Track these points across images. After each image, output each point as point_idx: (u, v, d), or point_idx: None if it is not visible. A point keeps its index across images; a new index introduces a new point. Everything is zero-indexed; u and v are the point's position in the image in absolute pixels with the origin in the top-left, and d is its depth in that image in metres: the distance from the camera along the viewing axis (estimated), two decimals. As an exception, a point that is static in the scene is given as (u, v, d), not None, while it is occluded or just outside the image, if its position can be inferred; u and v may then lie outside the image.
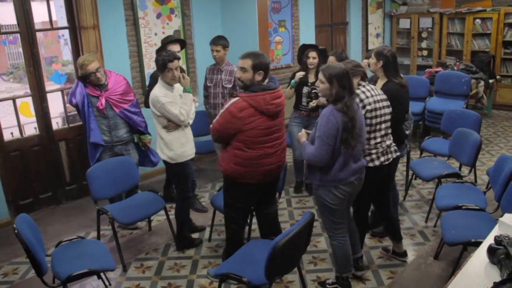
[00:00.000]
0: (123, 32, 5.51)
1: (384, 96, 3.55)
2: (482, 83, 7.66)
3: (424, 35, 9.22)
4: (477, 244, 2.68)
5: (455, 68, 7.87)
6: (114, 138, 4.52)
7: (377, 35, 9.27)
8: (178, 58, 3.99)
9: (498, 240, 2.29)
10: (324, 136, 3.07)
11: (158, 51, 4.68)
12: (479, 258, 2.38)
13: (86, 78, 4.34)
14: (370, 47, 9.00)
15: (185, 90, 4.03)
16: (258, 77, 3.29)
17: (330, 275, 3.80)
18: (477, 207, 3.80)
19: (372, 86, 3.57)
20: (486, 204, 3.91)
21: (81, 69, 4.32)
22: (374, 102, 3.45)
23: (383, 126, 3.51)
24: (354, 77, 3.46)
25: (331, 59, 4.79)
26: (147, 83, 5.76)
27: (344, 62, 3.61)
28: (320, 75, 3.16)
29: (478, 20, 8.51)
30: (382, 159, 3.53)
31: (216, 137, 3.49)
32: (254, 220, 4.66)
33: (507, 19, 8.23)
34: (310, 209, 5.00)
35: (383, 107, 3.50)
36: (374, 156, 3.50)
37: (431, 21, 9.03)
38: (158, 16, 5.82)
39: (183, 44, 5.00)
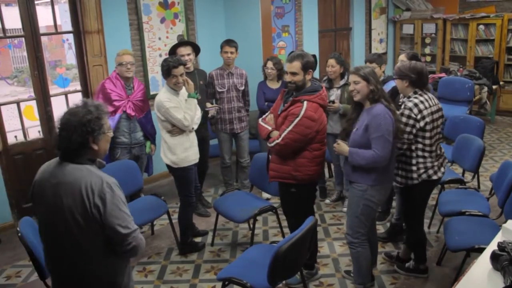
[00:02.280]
0: (127, 36, 5.53)
1: (440, 106, 3.50)
2: (486, 89, 7.65)
3: (427, 40, 9.23)
4: (480, 250, 2.67)
5: (459, 74, 7.87)
6: (133, 140, 4.61)
7: (381, 41, 9.27)
8: (184, 64, 4.00)
9: (501, 247, 2.28)
10: (387, 134, 3.08)
11: (170, 53, 4.71)
12: (482, 264, 2.38)
13: (118, 67, 4.47)
14: (374, 52, 9.00)
15: (189, 96, 4.04)
16: (309, 76, 3.41)
17: (333, 280, 3.79)
18: (480, 213, 3.79)
19: (430, 95, 3.48)
20: (489, 210, 3.90)
21: (117, 56, 4.48)
22: (432, 113, 3.38)
23: (439, 136, 3.52)
24: (403, 81, 3.43)
25: (330, 62, 4.77)
26: (150, 87, 5.79)
27: (404, 61, 3.66)
28: (354, 77, 3.18)
29: (481, 26, 8.52)
30: (442, 169, 3.54)
31: (291, 149, 3.37)
32: (258, 224, 4.67)
33: (511, 25, 8.23)
34: (313, 214, 5.00)
35: (439, 118, 3.47)
36: (436, 168, 3.48)
37: (435, 27, 9.04)
38: (162, 20, 5.84)
39: (196, 49, 4.90)
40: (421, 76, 3.43)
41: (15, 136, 5.10)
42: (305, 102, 3.31)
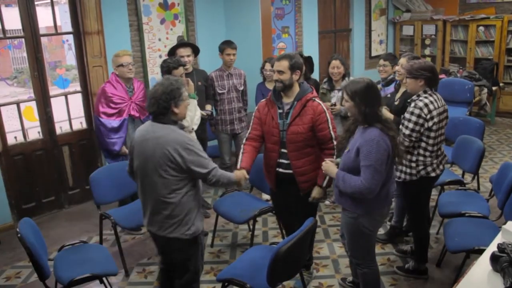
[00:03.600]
0: (127, 37, 5.53)
1: (446, 107, 3.51)
2: (485, 90, 7.65)
3: (427, 42, 9.23)
4: (480, 252, 2.67)
5: (458, 75, 7.87)
6: None
7: (380, 42, 9.28)
8: (184, 65, 4.00)
9: (501, 248, 2.28)
10: (377, 164, 2.79)
11: (170, 54, 4.71)
12: (482, 265, 2.38)
13: (117, 68, 4.45)
14: (374, 54, 9.02)
15: (189, 96, 4.04)
16: (296, 77, 3.38)
17: (333, 281, 3.79)
18: (480, 215, 3.79)
19: (439, 96, 3.48)
20: (489, 212, 3.90)
21: (115, 57, 4.46)
22: (439, 114, 3.38)
23: (443, 138, 3.52)
24: (418, 80, 3.41)
25: (335, 63, 4.76)
26: (150, 88, 5.78)
27: (412, 61, 3.57)
28: (344, 93, 3.00)
29: (481, 28, 8.52)
30: (441, 167, 3.54)
31: None
32: (257, 225, 4.67)
33: (511, 27, 8.23)
34: (313, 215, 4.99)
35: (445, 119, 3.48)
36: (435, 165, 3.49)
37: (435, 28, 9.04)
38: (162, 21, 5.84)
39: (196, 50, 4.93)
40: (435, 74, 3.46)
41: (15, 137, 5.10)
42: (316, 100, 3.37)
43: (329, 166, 3.10)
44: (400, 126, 3.46)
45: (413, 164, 3.47)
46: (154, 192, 2.85)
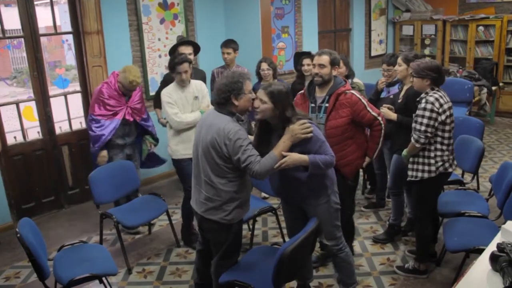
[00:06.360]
0: (126, 37, 5.53)
1: (451, 104, 3.56)
2: (485, 90, 7.66)
3: (427, 42, 9.23)
4: (480, 251, 2.67)
5: (458, 75, 7.88)
6: (127, 141, 4.67)
7: (380, 42, 9.28)
8: (189, 62, 4.05)
9: (500, 247, 2.28)
10: (324, 139, 3.05)
11: (171, 52, 4.75)
12: (481, 265, 2.38)
13: (123, 83, 4.40)
14: (373, 53, 9.02)
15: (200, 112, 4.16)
16: (334, 72, 3.57)
17: (333, 281, 3.79)
18: (479, 214, 3.79)
19: (444, 93, 3.55)
20: (488, 211, 3.90)
21: (125, 74, 4.34)
22: (449, 108, 3.47)
23: (453, 131, 3.58)
24: (424, 80, 3.48)
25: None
26: (150, 88, 5.79)
27: (419, 60, 3.64)
28: (261, 94, 2.95)
29: (481, 27, 8.52)
30: (455, 162, 3.62)
31: None
32: (257, 225, 4.67)
33: (510, 26, 8.24)
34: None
35: (452, 115, 3.54)
36: (451, 161, 3.55)
37: (434, 28, 9.05)
38: (162, 21, 5.84)
39: (196, 48, 4.98)
40: (441, 73, 3.53)
41: (14, 137, 5.10)
42: (348, 91, 3.49)
43: (293, 156, 2.94)
44: (413, 125, 3.48)
45: (432, 161, 3.49)
46: (202, 174, 3.00)
